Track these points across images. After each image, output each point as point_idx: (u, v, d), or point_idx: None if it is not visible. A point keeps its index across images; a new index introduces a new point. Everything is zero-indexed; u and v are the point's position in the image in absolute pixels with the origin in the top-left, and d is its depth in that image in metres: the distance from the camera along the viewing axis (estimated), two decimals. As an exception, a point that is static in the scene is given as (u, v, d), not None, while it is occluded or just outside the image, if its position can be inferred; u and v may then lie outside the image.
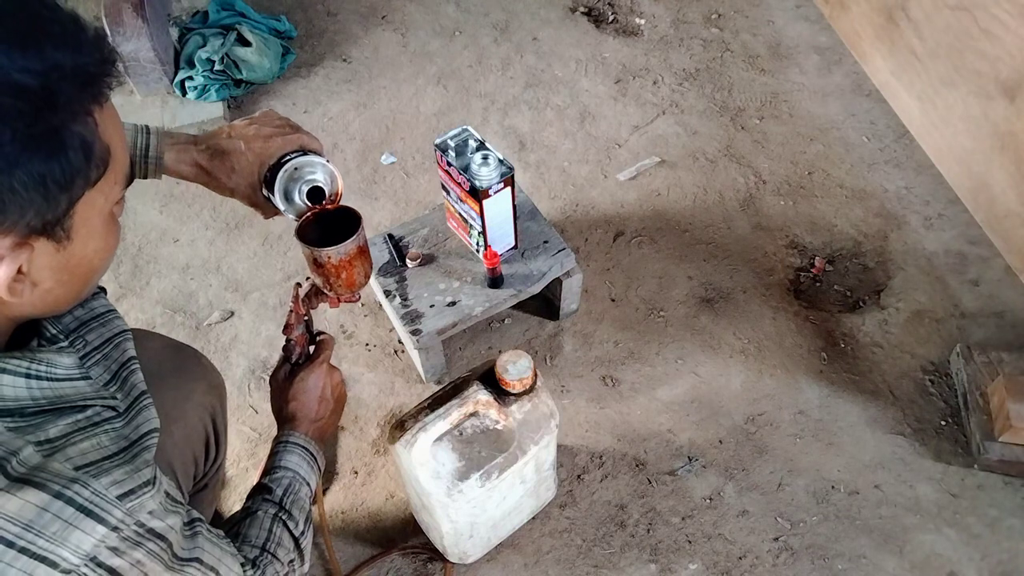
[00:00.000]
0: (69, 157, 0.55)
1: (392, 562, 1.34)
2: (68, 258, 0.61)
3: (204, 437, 1.02)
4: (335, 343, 1.08)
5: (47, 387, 0.62)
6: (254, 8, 2.29)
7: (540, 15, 2.42)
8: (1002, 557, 1.33)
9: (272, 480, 0.92)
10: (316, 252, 0.93)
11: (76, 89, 0.55)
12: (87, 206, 0.59)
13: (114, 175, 0.61)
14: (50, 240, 0.58)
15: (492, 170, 1.36)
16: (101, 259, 0.66)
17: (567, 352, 1.62)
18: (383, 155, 2.03)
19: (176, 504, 0.68)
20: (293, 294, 1.02)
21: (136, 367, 0.75)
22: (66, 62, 0.54)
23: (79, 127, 0.56)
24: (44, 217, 0.56)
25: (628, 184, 1.94)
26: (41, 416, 0.60)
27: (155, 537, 0.64)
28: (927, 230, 1.81)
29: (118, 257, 1.82)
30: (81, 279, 0.65)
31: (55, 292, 0.63)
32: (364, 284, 1.00)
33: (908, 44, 1.95)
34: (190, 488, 1.01)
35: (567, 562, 1.34)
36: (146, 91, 2.10)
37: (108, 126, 0.59)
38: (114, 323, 0.77)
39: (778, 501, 1.40)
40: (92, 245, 0.63)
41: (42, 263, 0.59)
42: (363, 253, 0.97)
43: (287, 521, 0.89)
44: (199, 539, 0.72)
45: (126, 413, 0.68)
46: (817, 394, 1.55)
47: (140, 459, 0.64)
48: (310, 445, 0.98)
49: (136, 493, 0.62)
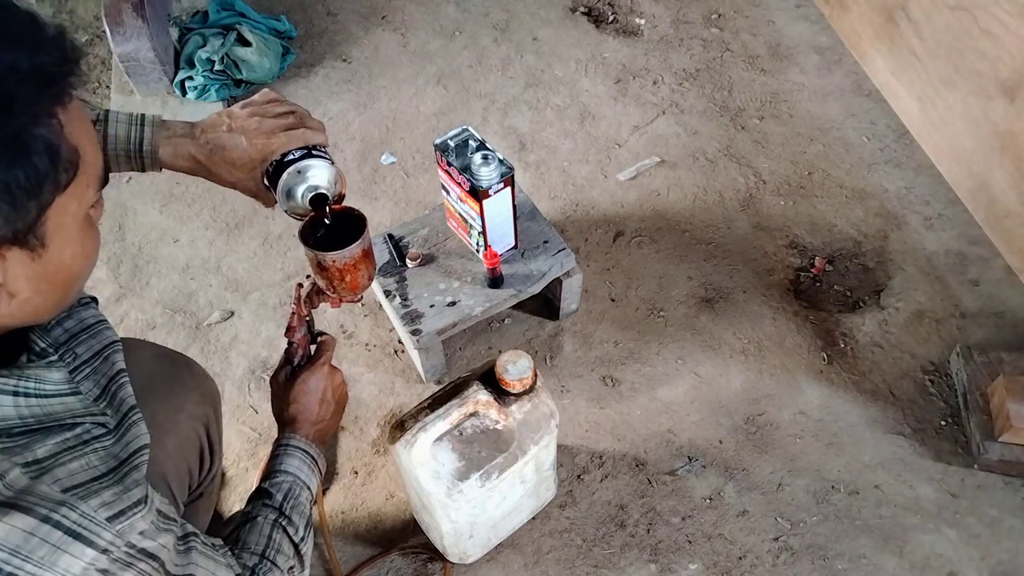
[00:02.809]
0: (34, 162, 0.53)
1: (392, 562, 1.34)
2: (45, 266, 0.59)
3: (198, 447, 1.01)
4: (336, 344, 1.07)
5: (35, 404, 0.61)
6: (254, 8, 2.29)
7: (540, 15, 2.42)
8: (1002, 557, 1.33)
9: (272, 485, 0.91)
10: (320, 255, 0.91)
11: (35, 90, 0.53)
12: (59, 212, 0.57)
13: (86, 178, 0.59)
14: (23, 249, 0.56)
15: (492, 170, 1.36)
16: (80, 265, 0.63)
17: (567, 352, 1.62)
18: (383, 155, 2.03)
19: (168, 521, 0.67)
20: (295, 295, 1.01)
21: (125, 380, 0.73)
22: (22, 62, 0.52)
23: (42, 130, 0.53)
24: (14, 226, 0.54)
25: (628, 184, 1.94)
26: (28, 435, 0.59)
27: (147, 557, 0.63)
28: (927, 230, 1.81)
29: (118, 257, 1.82)
30: (61, 287, 0.63)
31: (34, 301, 0.61)
32: (368, 287, 0.99)
33: (908, 44, 1.95)
34: (185, 498, 1.00)
35: (567, 562, 1.34)
36: (146, 91, 2.10)
37: (75, 127, 0.57)
38: (104, 334, 0.75)
39: (778, 501, 1.40)
40: (69, 251, 0.60)
41: (17, 272, 0.57)
42: (367, 256, 0.96)
43: (287, 527, 0.88)
44: (193, 554, 0.71)
45: (116, 430, 0.67)
46: (817, 394, 1.55)
47: (130, 479, 0.63)
48: (311, 448, 0.97)
49: (126, 514, 0.61)
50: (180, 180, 1.96)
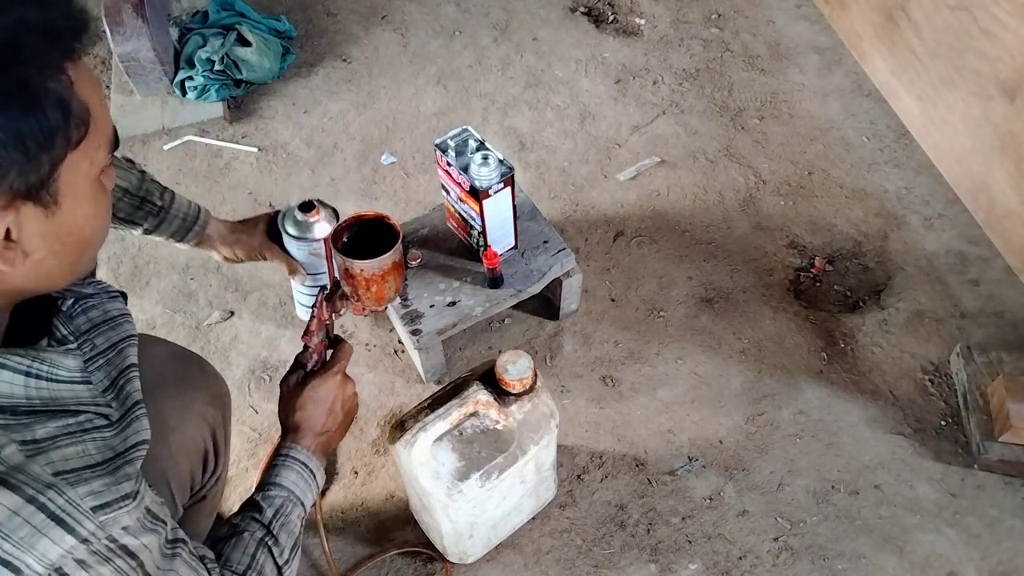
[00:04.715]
0: (46, 113, 0.55)
1: (392, 562, 1.34)
2: (58, 225, 0.60)
3: (203, 449, 1.00)
4: (353, 352, 1.01)
5: (44, 388, 0.61)
6: (254, 8, 2.29)
7: (540, 15, 2.42)
8: (1002, 557, 1.33)
9: (264, 498, 0.88)
10: (348, 262, 0.88)
11: (44, 43, 0.55)
12: (72, 170, 0.59)
13: (97, 138, 0.61)
14: (37, 205, 0.58)
15: (492, 170, 1.36)
16: (92, 228, 0.65)
17: (567, 352, 1.62)
18: (383, 155, 2.03)
19: (156, 522, 0.67)
20: (318, 298, 0.96)
21: (134, 375, 0.74)
22: (31, 17, 0.54)
23: (52, 84, 0.56)
24: (27, 179, 0.56)
25: (628, 184, 1.94)
26: (31, 416, 0.59)
27: (126, 555, 0.62)
28: (927, 230, 1.81)
29: (118, 257, 1.82)
30: (74, 248, 0.64)
31: (48, 264, 0.62)
32: (393, 299, 0.95)
33: (908, 44, 1.95)
34: (186, 500, 0.99)
35: (567, 562, 1.34)
36: (146, 91, 2.10)
37: (85, 87, 0.59)
38: (124, 327, 0.76)
39: (778, 501, 1.40)
40: (81, 211, 0.62)
41: (32, 230, 0.59)
42: (397, 269, 0.92)
43: (272, 547, 0.85)
44: (176, 562, 0.70)
45: (118, 423, 0.67)
46: (817, 394, 1.55)
47: (122, 472, 0.63)
48: (311, 461, 0.94)
49: (112, 506, 0.61)
50: (180, 180, 1.96)
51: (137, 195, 1.13)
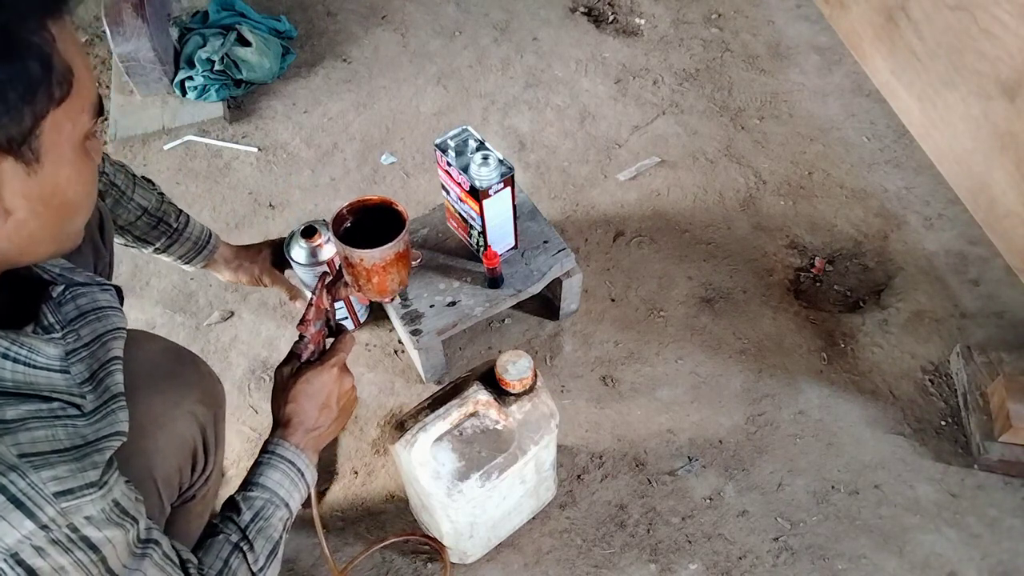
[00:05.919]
0: (26, 64, 0.56)
1: (392, 562, 1.34)
2: (40, 185, 0.60)
3: (191, 447, 0.96)
4: (355, 343, 0.95)
5: (20, 372, 0.61)
6: (254, 8, 2.29)
7: (540, 15, 2.42)
8: (1002, 557, 1.33)
9: (245, 499, 0.85)
10: (348, 251, 0.84)
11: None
12: (55, 130, 0.59)
13: (80, 101, 0.61)
14: (19, 161, 0.58)
15: (492, 170, 1.36)
16: (75, 192, 0.65)
17: (567, 352, 1.62)
18: (383, 155, 2.03)
19: (124, 517, 0.65)
20: (317, 284, 0.90)
21: (117, 368, 0.72)
22: None
23: (34, 38, 0.56)
24: (8, 131, 0.56)
25: (628, 184, 1.94)
26: (3, 397, 0.59)
27: (87, 547, 0.61)
28: (927, 230, 1.81)
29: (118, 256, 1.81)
30: (56, 212, 0.64)
31: (30, 226, 0.62)
32: (397, 292, 0.90)
33: (908, 44, 1.95)
34: (175, 498, 0.96)
35: (567, 562, 1.34)
36: (146, 91, 2.10)
37: (69, 47, 0.60)
38: (110, 319, 0.75)
39: (778, 501, 1.40)
40: (64, 173, 0.62)
41: (14, 188, 0.59)
42: (401, 259, 0.86)
43: (247, 553, 0.81)
44: (146, 562, 0.68)
45: (92, 414, 0.66)
46: (817, 394, 1.55)
47: (89, 459, 0.62)
48: (298, 459, 0.90)
49: (75, 493, 0.60)
50: (180, 180, 1.96)
51: (155, 215, 1.16)
